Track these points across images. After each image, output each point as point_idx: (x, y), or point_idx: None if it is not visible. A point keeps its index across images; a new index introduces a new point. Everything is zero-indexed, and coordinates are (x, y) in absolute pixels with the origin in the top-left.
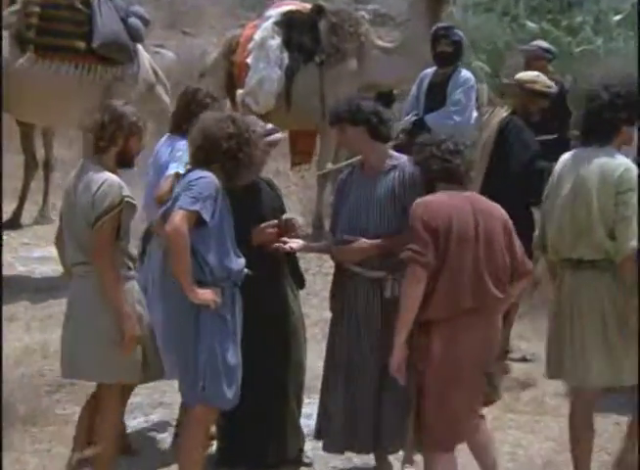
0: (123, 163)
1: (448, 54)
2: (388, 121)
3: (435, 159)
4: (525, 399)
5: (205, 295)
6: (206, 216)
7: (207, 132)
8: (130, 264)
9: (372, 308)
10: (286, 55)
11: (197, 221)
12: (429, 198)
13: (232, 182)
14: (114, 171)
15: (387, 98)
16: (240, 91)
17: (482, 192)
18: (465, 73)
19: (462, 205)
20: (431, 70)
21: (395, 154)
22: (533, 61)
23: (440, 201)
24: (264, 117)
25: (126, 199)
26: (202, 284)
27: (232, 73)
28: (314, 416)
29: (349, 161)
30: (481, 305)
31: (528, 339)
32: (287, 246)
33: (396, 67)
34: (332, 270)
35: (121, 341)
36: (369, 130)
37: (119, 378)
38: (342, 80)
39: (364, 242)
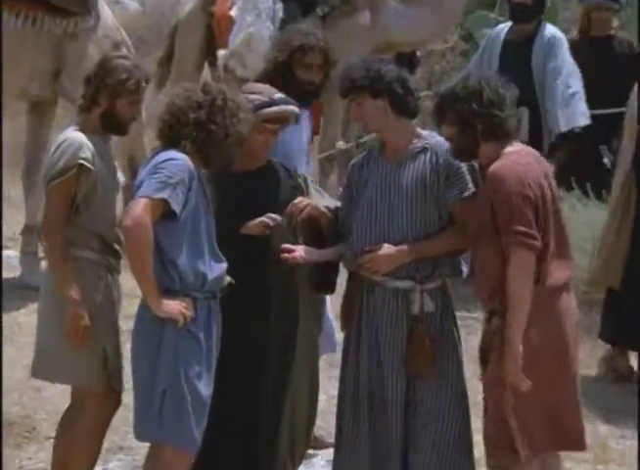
0: (111, 127)
1: (528, 6)
2: (415, 92)
3: (482, 116)
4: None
5: (171, 306)
6: (176, 207)
7: (173, 103)
8: (97, 247)
9: (396, 329)
10: (280, 6)
11: (164, 213)
12: (505, 163)
13: (210, 164)
14: (97, 134)
15: (408, 61)
16: (222, 52)
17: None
18: (553, 32)
19: (533, 163)
20: (503, 27)
21: (425, 132)
22: (595, 12)
23: (521, 163)
24: None
25: (80, 161)
26: (169, 292)
27: (212, 29)
28: None
29: (362, 139)
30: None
31: None
32: (296, 255)
33: (419, 20)
34: (343, 280)
35: (67, 329)
36: (393, 103)
37: (74, 380)
38: (351, 38)
39: (395, 249)
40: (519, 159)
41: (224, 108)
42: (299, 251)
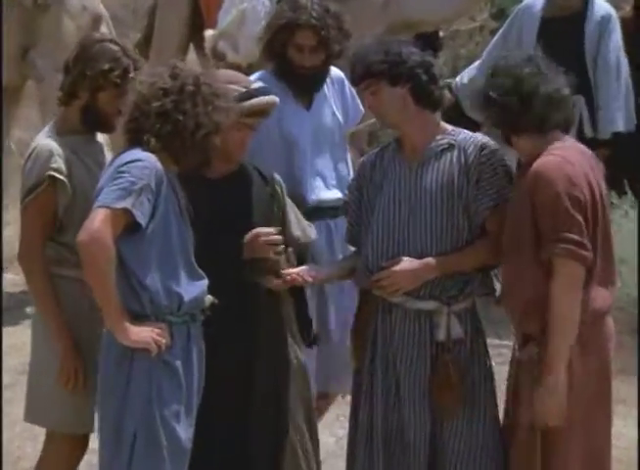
0: (94, 124)
1: None
2: (439, 79)
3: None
4: None
5: (142, 333)
6: (141, 217)
7: (136, 91)
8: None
9: (418, 358)
10: None
11: (128, 225)
12: (552, 159)
13: (181, 162)
14: (77, 133)
15: (430, 42)
16: (210, 32)
17: None
18: (606, 8)
19: (583, 162)
20: (537, 1)
21: (451, 127)
22: None
23: (570, 160)
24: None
25: (50, 173)
26: (139, 317)
27: (198, 5)
28: None
29: (367, 123)
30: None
31: None
32: (302, 276)
33: None
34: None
35: (59, 371)
36: (414, 92)
37: (53, 424)
38: (363, 16)
39: (417, 264)
40: (567, 155)
41: (196, 94)
42: (304, 271)
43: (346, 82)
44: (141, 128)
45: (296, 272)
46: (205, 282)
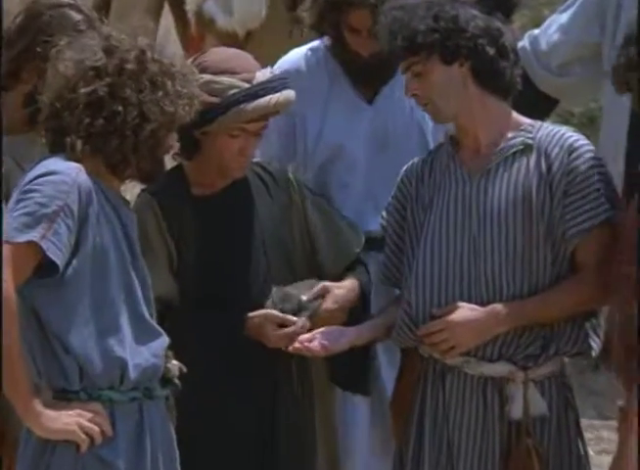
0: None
1: None
2: (513, 53)
3: None
4: None
5: (63, 419)
6: (56, 254)
7: (59, 74)
8: None
9: (483, 441)
10: None
11: (40, 265)
12: None
13: (121, 172)
14: (18, 132)
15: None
16: None
17: None
18: None
19: None
20: None
21: (527, 120)
22: None
23: None
24: (244, 45)
25: None
26: (63, 394)
27: None
28: None
29: None
30: None
31: None
32: (314, 345)
33: None
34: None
35: None
36: (477, 71)
37: None
38: None
39: (481, 312)
40: None
41: (140, 75)
42: (319, 338)
43: None
44: (65, 126)
45: (307, 339)
46: (164, 341)
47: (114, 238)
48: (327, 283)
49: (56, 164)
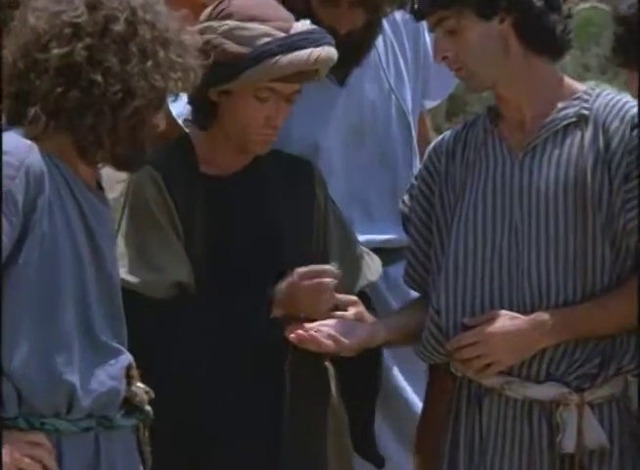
0: None
1: None
2: (562, 6)
3: None
4: None
5: None
6: None
7: (27, 26)
8: None
9: None
10: None
11: None
12: None
13: (89, 157)
14: None
15: None
16: None
17: None
18: None
19: None
20: None
21: (582, 86)
22: None
23: None
24: None
25: None
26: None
27: None
28: None
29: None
30: None
31: None
32: (317, 340)
33: None
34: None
35: None
36: (520, 28)
37: None
38: None
39: (525, 322)
40: None
41: (128, 40)
42: (328, 327)
43: (424, 30)
44: (29, 93)
45: (315, 327)
46: (125, 360)
47: (70, 234)
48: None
49: (6, 140)
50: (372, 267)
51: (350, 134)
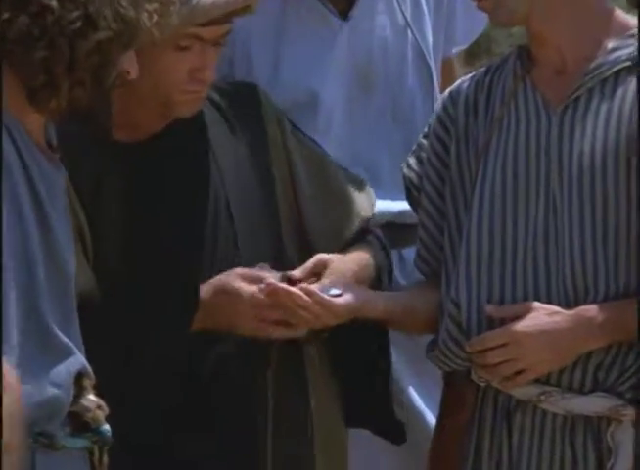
0: None
1: None
2: None
3: None
4: None
5: None
6: None
7: None
8: None
9: None
10: None
11: None
12: None
13: (47, 108)
14: None
15: None
16: None
17: None
18: None
19: None
20: None
21: (634, 20)
22: None
23: None
24: None
25: None
26: None
27: None
28: None
29: None
30: None
31: None
32: (314, 296)
33: None
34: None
35: None
36: None
37: None
38: None
39: (564, 318)
40: None
41: None
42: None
43: None
44: None
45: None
46: (75, 364)
47: (14, 204)
48: (324, 255)
49: None
50: (364, 201)
51: (355, 81)
